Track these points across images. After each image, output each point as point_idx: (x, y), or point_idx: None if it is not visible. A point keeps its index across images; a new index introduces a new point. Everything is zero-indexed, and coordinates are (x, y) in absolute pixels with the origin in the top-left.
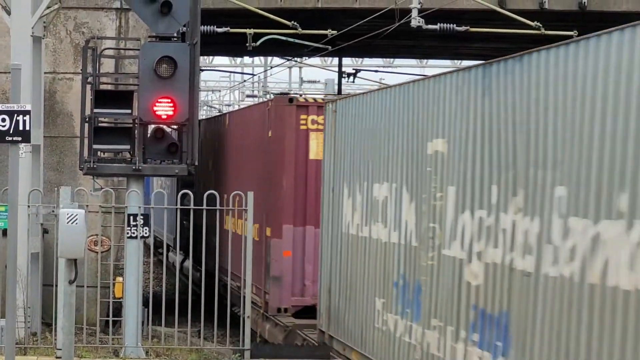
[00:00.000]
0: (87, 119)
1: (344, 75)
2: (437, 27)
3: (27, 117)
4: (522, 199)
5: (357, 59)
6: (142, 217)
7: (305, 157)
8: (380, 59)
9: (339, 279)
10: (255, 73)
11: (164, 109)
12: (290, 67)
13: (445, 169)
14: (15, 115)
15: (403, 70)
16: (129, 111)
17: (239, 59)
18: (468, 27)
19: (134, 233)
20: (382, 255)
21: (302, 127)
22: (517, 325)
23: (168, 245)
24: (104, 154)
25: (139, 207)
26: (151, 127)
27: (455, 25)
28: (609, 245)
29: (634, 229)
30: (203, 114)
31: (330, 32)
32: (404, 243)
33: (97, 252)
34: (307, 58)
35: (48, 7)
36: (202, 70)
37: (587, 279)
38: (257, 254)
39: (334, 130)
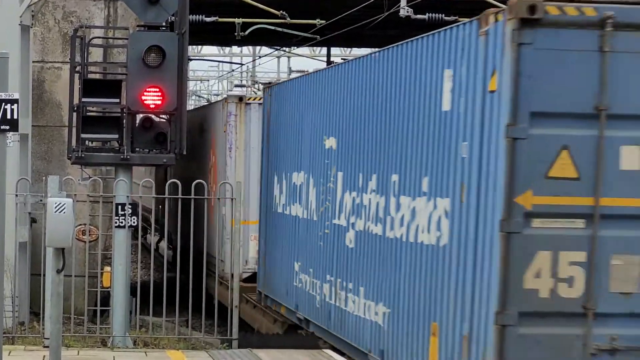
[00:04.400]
0: (75, 108)
1: (332, 65)
2: (425, 17)
3: (14, 106)
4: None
5: (345, 48)
6: (130, 206)
7: None
8: (368, 49)
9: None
10: (243, 63)
11: (152, 98)
12: (278, 57)
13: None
14: (3, 104)
15: None
16: (118, 100)
17: (227, 49)
18: (457, 17)
19: (122, 222)
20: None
21: None
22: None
23: None
24: (92, 143)
25: (127, 196)
26: (139, 117)
27: (443, 15)
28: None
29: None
30: (191, 103)
31: (318, 22)
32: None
33: (85, 242)
34: (295, 48)
35: None
36: (191, 59)
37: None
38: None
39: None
